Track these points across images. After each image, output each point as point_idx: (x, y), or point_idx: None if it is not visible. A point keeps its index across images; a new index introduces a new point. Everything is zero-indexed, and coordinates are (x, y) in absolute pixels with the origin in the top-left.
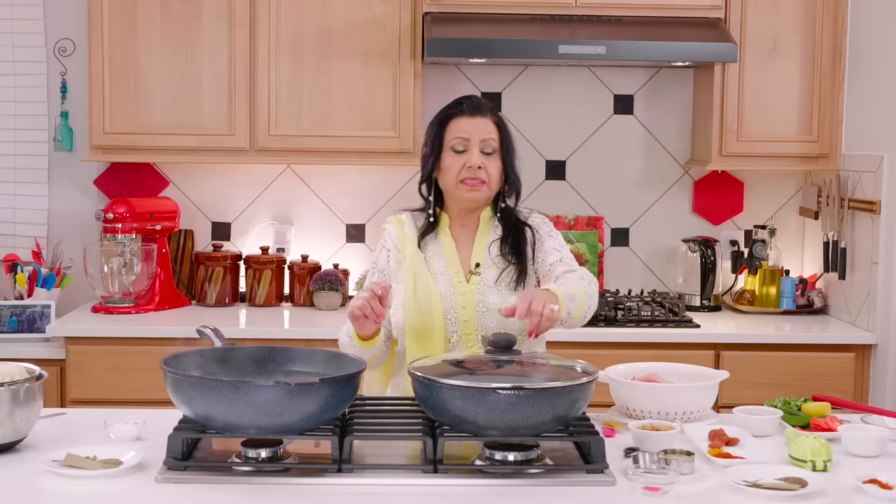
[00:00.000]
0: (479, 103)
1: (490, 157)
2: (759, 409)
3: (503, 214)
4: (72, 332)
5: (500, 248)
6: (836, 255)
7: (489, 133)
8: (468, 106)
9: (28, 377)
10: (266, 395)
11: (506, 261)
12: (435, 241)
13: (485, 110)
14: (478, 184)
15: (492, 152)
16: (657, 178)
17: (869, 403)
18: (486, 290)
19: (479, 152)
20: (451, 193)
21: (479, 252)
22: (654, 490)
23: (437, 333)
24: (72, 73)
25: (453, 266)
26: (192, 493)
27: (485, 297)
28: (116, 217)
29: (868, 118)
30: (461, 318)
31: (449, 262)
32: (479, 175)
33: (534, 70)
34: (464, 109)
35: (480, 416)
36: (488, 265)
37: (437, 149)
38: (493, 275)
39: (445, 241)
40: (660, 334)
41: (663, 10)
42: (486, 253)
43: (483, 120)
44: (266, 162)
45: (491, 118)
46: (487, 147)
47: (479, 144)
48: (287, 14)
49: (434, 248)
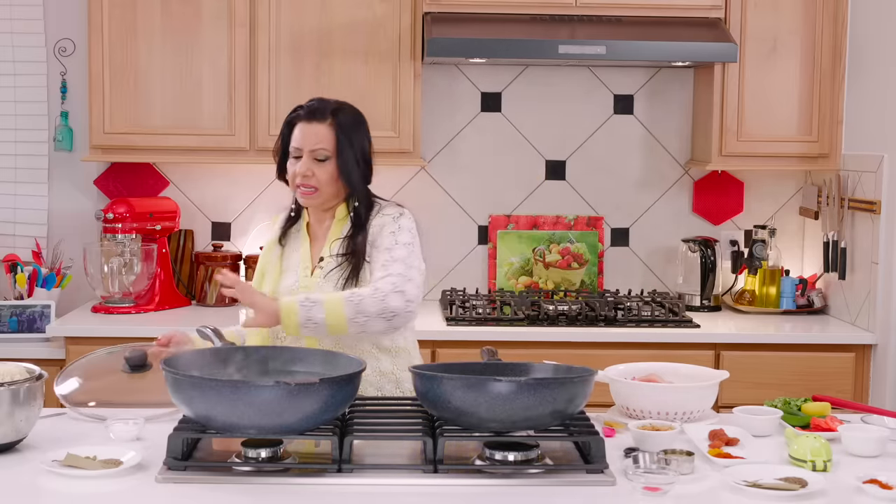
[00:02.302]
0: (316, 108)
1: (322, 163)
2: (759, 409)
3: (356, 212)
4: (72, 332)
5: (343, 245)
6: (836, 255)
7: (320, 142)
8: (306, 111)
9: (28, 377)
10: (266, 395)
11: (341, 256)
12: (297, 237)
13: (323, 116)
14: (310, 192)
15: (324, 159)
16: (657, 178)
17: (869, 403)
18: (322, 283)
19: (309, 160)
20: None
21: (326, 248)
22: (654, 490)
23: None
24: (72, 73)
25: (304, 261)
26: (192, 493)
27: (320, 289)
28: (116, 217)
29: (868, 118)
30: None
31: (302, 255)
32: (311, 182)
33: (534, 70)
34: (301, 115)
35: (482, 408)
36: (330, 261)
37: (284, 151)
38: (331, 269)
39: (302, 237)
40: (660, 334)
41: (663, 10)
42: (334, 247)
43: (318, 126)
44: (266, 162)
45: (327, 123)
46: (319, 155)
47: (309, 153)
48: (287, 14)
49: (294, 244)
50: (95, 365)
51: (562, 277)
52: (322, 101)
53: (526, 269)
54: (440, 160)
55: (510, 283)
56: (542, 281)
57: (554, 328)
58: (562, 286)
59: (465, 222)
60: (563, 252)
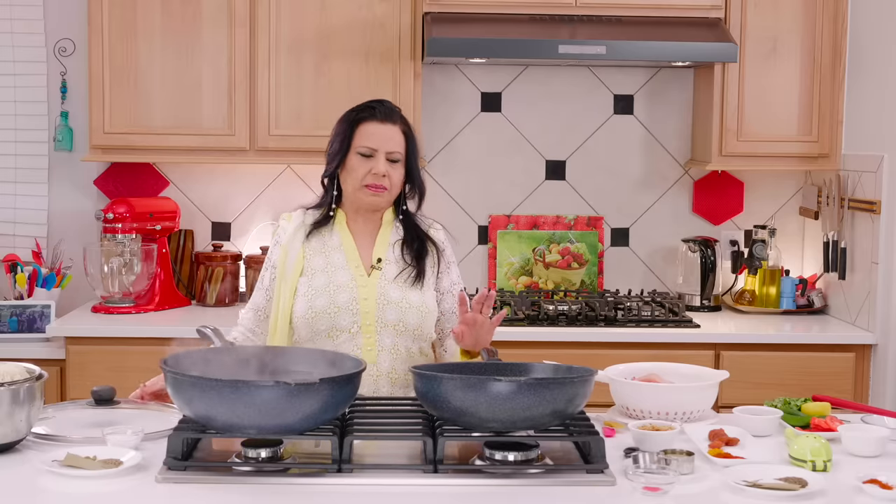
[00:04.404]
0: (390, 111)
1: (395, 164)
2: (759, 409)
3: (405, 217)
4: (72, 332)
5: (401, 250)
6: (836, 255)
7: (396, 144)
8: (380, 113)
9: (28, 377)
10: (266, 395)
11: (405, 262)
12: (331, 236)
13: (395, 118)
14: (381, 189)
15: (397, 161)
16: (657, 178)
17: (869, 403)
18: (388, 285)
19: (384, 160)
20: (352, 194)
21: (380, 250)
22: (654, 490)
23: (337, 322)
24: (72, 73)
25: (353, 260)
26: (192, 493)
27: (386, 291)
28: (116, 217)
29: (868, 118)
30: (363, 309)
31: (349, 256)
32: (383, 182)
33: (534, 70)
34: (376, 115)
35: (482, 407)
36: (389, 262)
37: (345, 149)
38: (394, 271)
39: (344, 237)
40: (660, 334)
41: (663, 10)
42: (388, 250)
43: (392, 128)
44: (266, 162)
45: (400, 126)
46: (393, 157)
47: (385, 153)
48: (287, 14)
49: (332, 243)
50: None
51: (562, 277)
52: (387, 102)
53: (526, 269)
54: (440, 160)
55: (510, 283)
56: (542, 281)
57: (554, 328)
58: (562, 286)
59: (465, 222)
60: (563, 252)
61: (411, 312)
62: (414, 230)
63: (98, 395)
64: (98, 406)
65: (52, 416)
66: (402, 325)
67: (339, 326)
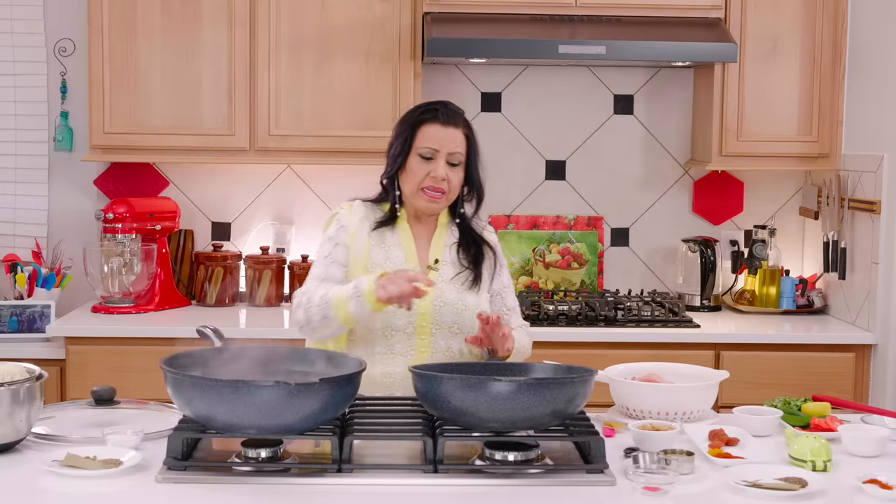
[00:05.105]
0: (454, 113)
1: (455, 168)
2: (759, 409)
3: (461, 220)
4: (72, 332)
5: (457, 252)
6: (836, 255)
7: (458, 146)
8: (443, 115)
9: (28, 377)
10: (266, 395)
11: (461, 265)
12: (392, 233)
13: (458, 121)
14: (438, 195)
15: (457, 164)
16: (657, 178)
17: (869, 403)
18: (444, 286)
19: (444, 163)
20: (410, 197)
21: (436, 251)
22: (654, 490)
23: (393, 321)
24: (72, 73)
25: (412, 259)
26: (192, 493)
27: (443, 293)
28: (116, 217)
29: (868, 118)
30: (419, 309)
31: (408, 254)
32: (441, 186)
33: (534, 70)
34: (438, 117)
35: (482, 407)
36: (446, 263)
37: (406, 150)
38: (450, 273)
39: (404, 235)
40: (660, 334)
41: (663, 10)
42: (445, 252)
43: (454, 131)
44: (266, 162)
45: (462, 129)
46: (454, 159)
47: (446, 156)
48: (287, 14)
49: (392, 240)
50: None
51: (562, 277)
52: (450, 105)
53: (526, 269)
54: None
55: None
56: (542, 281)
57: (554, 328)
58: (562, 286)
59: None
60: (563, 252)
61: (467, 315)
62: (470, 233)
63: (98, 395)
64: (98, 406)
65: (52, 416)
66: (457, 328)
67: (394, 326)
